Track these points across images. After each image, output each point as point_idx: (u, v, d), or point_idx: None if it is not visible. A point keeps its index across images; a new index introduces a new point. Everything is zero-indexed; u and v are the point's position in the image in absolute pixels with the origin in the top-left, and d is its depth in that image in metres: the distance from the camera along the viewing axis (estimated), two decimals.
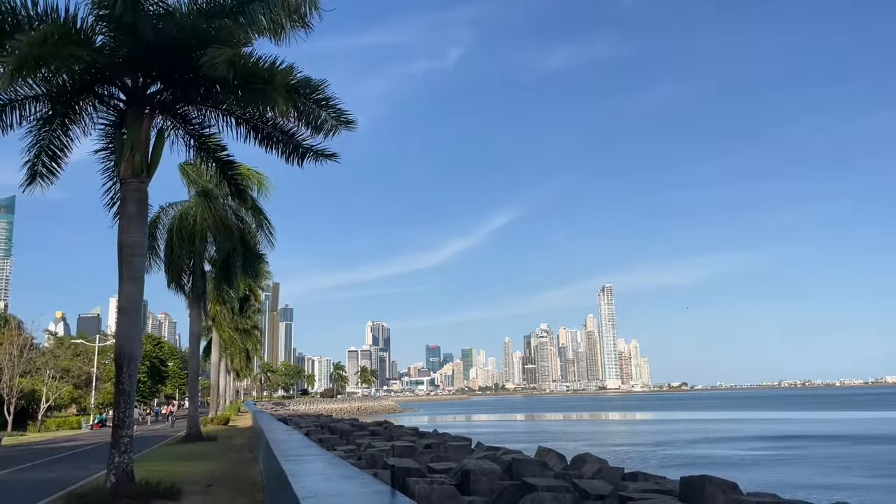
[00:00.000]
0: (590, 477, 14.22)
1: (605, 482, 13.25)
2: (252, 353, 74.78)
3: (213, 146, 17.51)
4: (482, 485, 12.83)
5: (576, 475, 14.10)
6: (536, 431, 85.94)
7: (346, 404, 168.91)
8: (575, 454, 18.37)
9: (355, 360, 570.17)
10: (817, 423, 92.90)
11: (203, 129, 17.02)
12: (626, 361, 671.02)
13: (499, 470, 13.95)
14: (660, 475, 16.43)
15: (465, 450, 17.57)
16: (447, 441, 21.63)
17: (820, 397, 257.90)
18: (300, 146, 16.61)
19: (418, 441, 20.48)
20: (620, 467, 16.93)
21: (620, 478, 15.24)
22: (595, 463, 16.48)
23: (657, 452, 53.15)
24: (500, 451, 17.88)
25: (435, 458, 15.89)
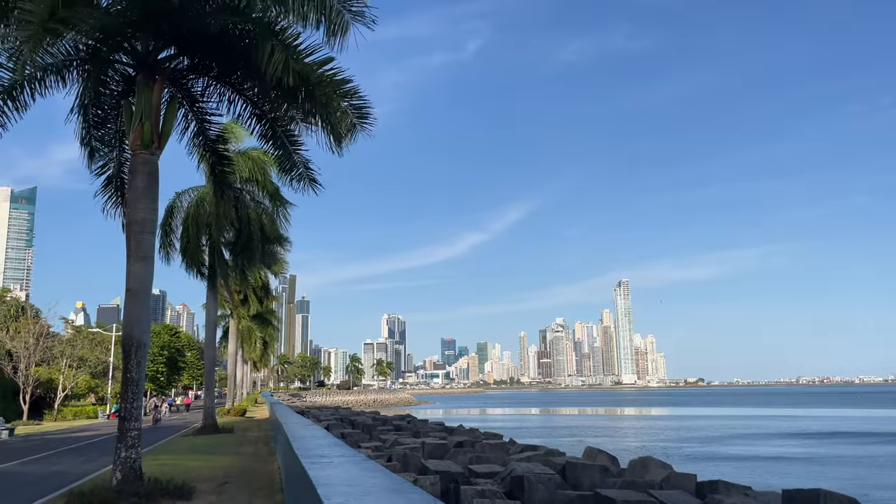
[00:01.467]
0: (660, 485, 12.55)
1: (689, 495, 11.62)
2: (269, 344, 73.99)
3: (213, 136, 16.45)
4: (539, 494, 11.19)
5: (646, 484, 12.37)
6: (558, 426, 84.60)
7: (363, 396, 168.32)
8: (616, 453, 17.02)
9: (371, 352, 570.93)
10: (843, 420, 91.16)
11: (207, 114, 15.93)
12: (642, 356, 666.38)
13: (556, 477, 12.39)
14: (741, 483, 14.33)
15: (502, 449, 16.26)
16: (480, 438, 20.31)
17: (840, 394, 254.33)
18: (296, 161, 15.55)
19: (449, 438, 19.14)
20: (690, 473, 14.91)
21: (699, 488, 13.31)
22: (660, 468, 14.86)
23: (694, 450, 51.55)
24: (540, 450, 16.54)
25: (474, 458, 14.49)
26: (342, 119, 13.60)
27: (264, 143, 15.60)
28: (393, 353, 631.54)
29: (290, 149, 15.23)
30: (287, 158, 15.38)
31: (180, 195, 31.93)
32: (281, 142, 15.18)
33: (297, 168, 15.42)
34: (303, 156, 15.36)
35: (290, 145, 15.18)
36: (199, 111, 15.74)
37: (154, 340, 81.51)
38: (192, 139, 16.30)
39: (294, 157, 15.31)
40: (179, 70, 14.69)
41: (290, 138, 15.16)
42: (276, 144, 15.28)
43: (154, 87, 13.80)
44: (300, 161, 15.38)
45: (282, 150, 15.31)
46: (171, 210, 31.54)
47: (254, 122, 15.32)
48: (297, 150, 15.30)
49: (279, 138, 15.18)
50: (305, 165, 15.43)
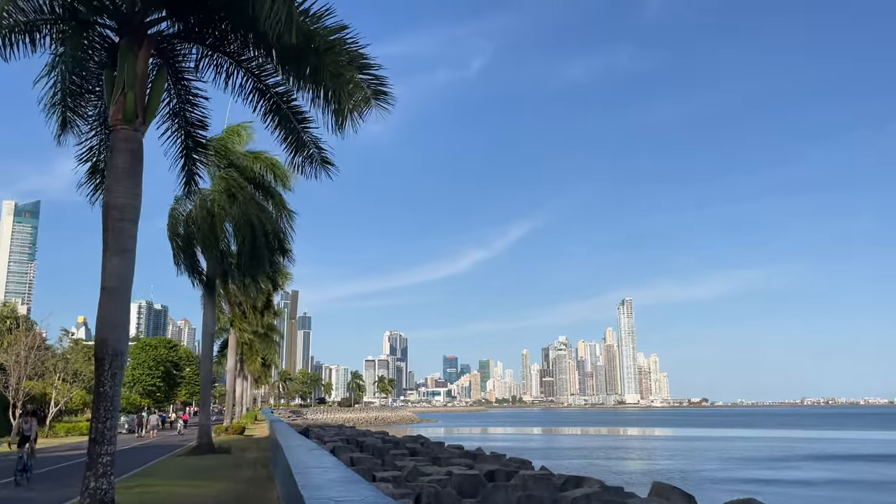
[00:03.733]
0: None
1: None
2: (270, 359, 71.77)
3: (194, 119, 14.52)
4: None
5: None
6: (565, 447, 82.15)
7: (364, 414, 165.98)
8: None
9: (372, 369, 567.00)
10: (860, 442, 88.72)
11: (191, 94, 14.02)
12: (645, 376, 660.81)
13: None
14: None
15: (547, 483, 14.04)
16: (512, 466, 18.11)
17: (848, 416, 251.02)
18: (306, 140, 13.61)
19: (477, 466, 16.91)
20: None
21: None
22: None
23: (712, 474, 49.15)
24: (592, 484, 14.36)
25: (523, 499, 12.24)
26: (354, 92, 11.71)
27: (268, 122, 13.69)
28: (394, 370, 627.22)
29: (299, 127, 13.38)
30: (295, 138, 13.51)
31: (181, 200, 30.01)
32: (287, 119, 13.33)
33: (307, 148, 13.54)
34: (313, 134, 13.48)
35: (297, 123, 13.31)
36: (182, 89, 13.86)
37: (150, 354, 79.51)
38: (168, 119, 14.39)
39: (303, 135, 13.43)
40: (169, 37, 12.82)
41: (297, 115, 13.29)
42: (281, 122, 13.44)
43: (140, 54, 11.90)
44: (310, 140, 13.49)
45: (288, 129, 13.46)
46: (175, 215, 29.66)
47: (256, 98, 13.46)
48: (306, 128, 13.44)
49: (285, 115, 13.33)
50: (316, 144, 13.57)
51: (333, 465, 10.02)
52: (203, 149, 15.26)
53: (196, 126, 14.63)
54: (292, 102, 13.17)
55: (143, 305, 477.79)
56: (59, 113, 13.57)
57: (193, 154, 15.17)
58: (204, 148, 15.27)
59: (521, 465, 19.57)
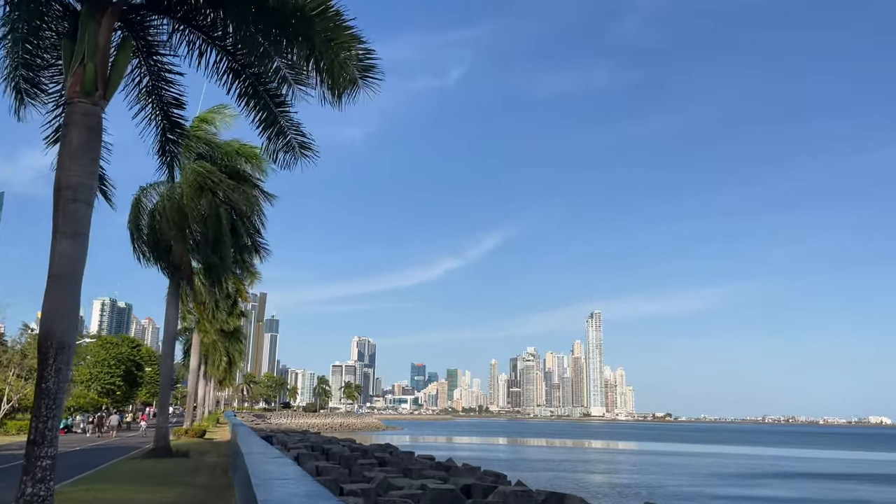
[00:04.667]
0: None
1: None
2: (235, 361, 70.05)
3: (169, 98, 13.53)
4: None
5: None
6: (532, 459, 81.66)
7: (329, 420, 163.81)
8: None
9: (339, 374, 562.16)
10: (819, 461, 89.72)
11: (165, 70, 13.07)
12: (611, 389, 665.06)
13: None
14: None
15: (526, 499, 13.25)
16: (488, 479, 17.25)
17: (807, 435, 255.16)
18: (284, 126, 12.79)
19: (452, 479, 16.01)
20: None
21: None
22: None
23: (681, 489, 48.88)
24: (568, 498, 13.65)
25: None
26: (348, 63, 10.92)
27: (243, 105, 12.78)
28: (362, 376, 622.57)
29: (277, 111, 12.51)
30: (272, 123, 12.64)
31: (146, 190, 28.76)
32: (264, 102, 12.46)
33: (285, 134, 12.67)
34: (292, 119, 12.64)
35: (275, 107, 12.45)
36: (155, 64, 12.90)
37: (112, 352, 77.17)
38: (141, 98, 13.40)
39: (281, 120, 12.57)
40: (136, 7, 11.88)
41: (274, 98, 12.43)
42: (258, 105, 12.55)
43: (102, 23, 10.95)
44: (288, 125, 12.65)
45: (265, 112, 12.59)
46: (138, 206, 28.36)
47: (231, 79, 12.54)
48: (284, 111, 12.57)
49: (262, 98, 12.44)
50: (296, 130, 12.70)
51: (297, 477, 9.16)
52: (181, 130, 14.26)
53: (172, 105, 13.62)
54: (269, 84, 12.32)
55: (106, 303, 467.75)
56: (14, 86, 12.54)
57: (171, 135, 14.18)
58: (182, 129, 14.28)
59: (496, 479, 18.73)
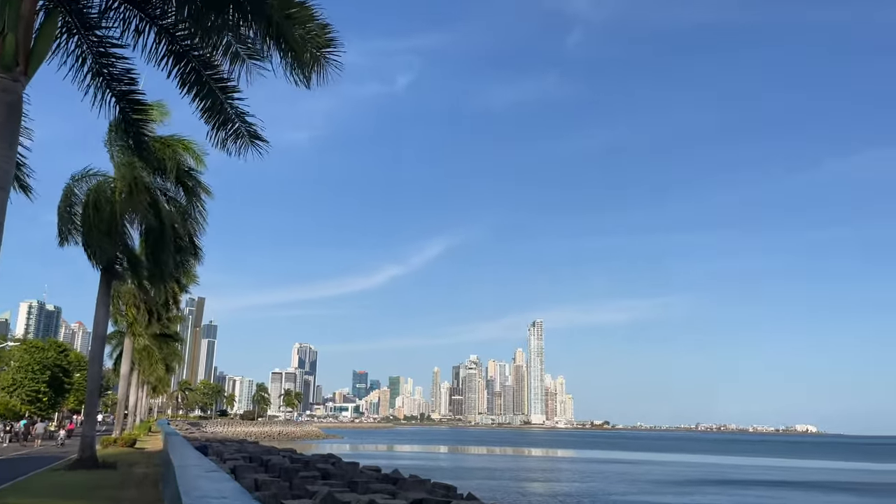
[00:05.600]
0: None
1: None
2: (171, 367, 67.38)
3: (117, 73, 12.32)
4: None
5: None
6: (474, 468, 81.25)
7: (268, 428, 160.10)
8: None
9: (279, 382, 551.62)
10: (752, 468, 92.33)
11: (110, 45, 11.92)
12: (551, 397, 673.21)
13: None
14: None
15: None
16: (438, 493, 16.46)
17: (738, 442, 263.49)
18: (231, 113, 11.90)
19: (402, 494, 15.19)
20: None
21: None
22: None
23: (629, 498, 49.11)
24: None
25: None
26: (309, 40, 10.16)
27: (186, 91, 11.78)
28: (302, 383, 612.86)
29: (223, 97, 11.57)
30: (218, 111, 11.69)
31: (78, 180, 26.94)
32: (209, 88, 11.51)
33: (232, 123, 11.74)
34: (239, 107, 11.73)
35: (221, 93, 11.52)
36: (96, 41, 11.78)
37: (37, 357, 73.37)
38: (90, 80, 12.23)
39: (228, 107, 11.65)
40: None
41: (220, 83, 11.51)
42: (202, 92, 11.57)
43: None
44: (235, 113, 11.72)
45: (210, 100, 11.62)
46: (70, 196, 26.50)
47: (171, 63, 11.54)
48: (230, 98, 11.65)
49: (207, 84, 11.49)
50: (243, 118, 11.78)
51: (234, 494, 8.30)
52: (141, 106, 13.04)
53: (124, 82, 12.44)
54: (216, 69, 11.41)
55: (33, 305, 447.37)
56: None
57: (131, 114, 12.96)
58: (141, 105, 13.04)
59: (447, 493, 17.97)
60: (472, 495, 17.64)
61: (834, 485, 67.95)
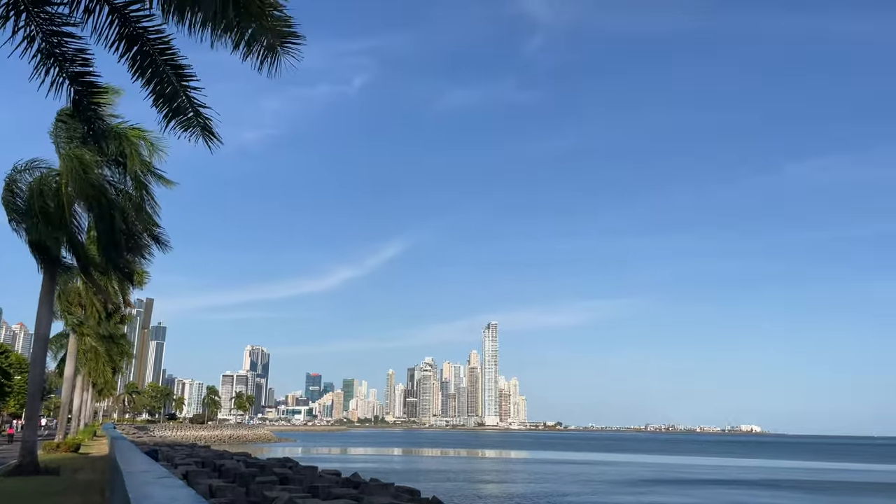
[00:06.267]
0: None
1: None
2: (119, 369, 65.27)
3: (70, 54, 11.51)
4: None
5: None
6: (430, 470, 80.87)
7: (218, 432, 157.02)
8: None
9: (230, 385, 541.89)
10: (702, 468, 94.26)
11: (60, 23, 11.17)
12: (505, 399, 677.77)
13: None
14: None
15: None
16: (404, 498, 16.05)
17: (686, 442, 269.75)
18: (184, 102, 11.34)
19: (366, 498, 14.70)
20: None
21: None
22: None
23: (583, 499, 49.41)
24: None
25: None
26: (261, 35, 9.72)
27: (138, 77, 11.13)
28: (254, 386, 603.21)
29: (178, 84, 10.98)
30: (172, 98, 11.10)
31: (21, 171, 25.68)
32: (164, 74, 10.90)
33: (184, 112, 11.16)
34: (195, 97, 11.16)
35: (177, 80, 10.94)
36: (47, 18, 11.04)
37: None
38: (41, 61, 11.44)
39: (182, 95, 11.07)
40: None
41: (176, 69, 10.93)
42: (155, 77, 10.95)
43: None
44: (190, 103, 11.16)
45: (164, 87, 11.03)
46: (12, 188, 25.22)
47: (124, 47, 10.92)
48: (187, 85, 11.07)
49: (161, 69, 10.90)
50: (197, 108, 11.22)
51: (189, 502, 7.86)
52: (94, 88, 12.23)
53: (77, 63, 11.64)
54: (171, 53, 10.82)
55: None
56: None
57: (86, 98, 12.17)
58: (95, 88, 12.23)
59: (412, 497, 17.57)
60: (437, 499, 17.34)
61: (779, 483, 69.83)
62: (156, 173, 25.70)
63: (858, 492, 62.20)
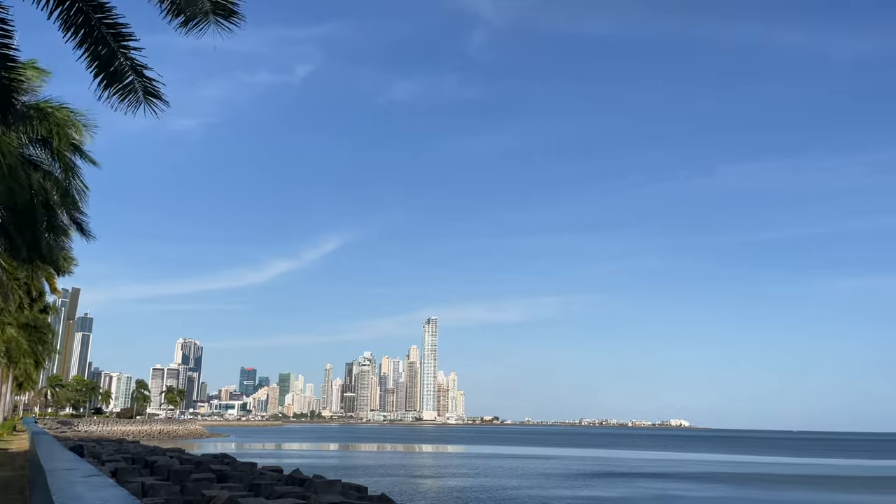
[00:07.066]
0: None
1: None
2: (41, 361, 62.04)
3: None
4: None
5: None
6: (372, 465, 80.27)
7: (147, 427, 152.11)
8: None
9: (160, 378, 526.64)
10: (635, 461, 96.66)
11: None
12: (443, 394, 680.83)
13: None
14: None
15: None
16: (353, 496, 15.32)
17: (619, 436, 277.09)
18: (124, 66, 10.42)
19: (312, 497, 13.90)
20: None
21: None
22: None
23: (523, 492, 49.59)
24: None
25: None
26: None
27: (71, 37, 10.14)
28: (186, 380, 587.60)
29: (115, 46, 10.06)
30: (109, 61, 10.15)
31: None
32: (99, 34, 9.97)
33: (123, 76, 10.23)
34: (136, 59, 10.25)
35: (114, 41, 10.01)
36: None
37: None
38: None
39: (121, 58, 10.14)
40: None
41: (114, 29, 10.01)
42: (90, 38, 10.00)
43: None
44: (131, 66, 10.23)
45: (100, 48, 10.08)
46: None
47: (53, 3, 9.95)
48: (125, 47, 10.16)
49: (96, 29, 9.96)
50: (139, 71, 10.30)
51: (120, 502, 7.13)
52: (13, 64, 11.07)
53: None
54: (108, 11, 9.88)
55: None
56: None
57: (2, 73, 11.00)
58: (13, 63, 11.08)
59: (360, 495, 16.87)
60: (386, 496, 16.79)
61: (710, 476, 72.09)
62: (85, 154, 24.21)
63: (782, 484, 64.67)
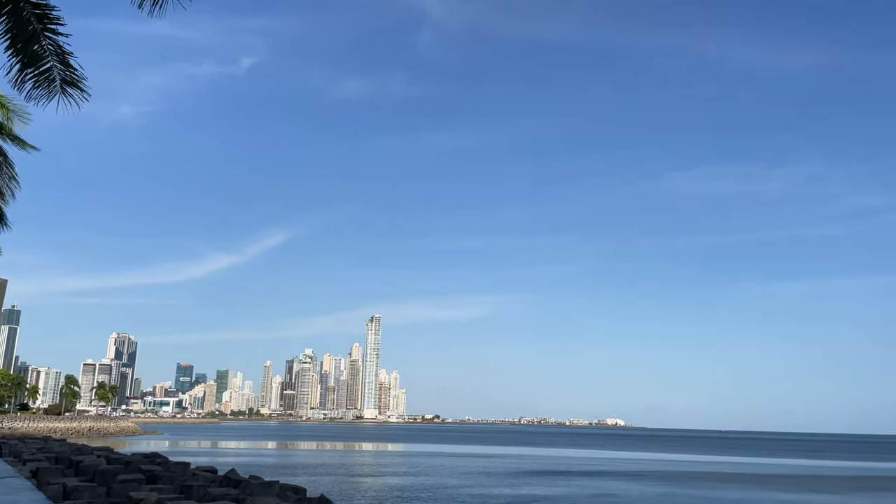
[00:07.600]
0: None
1: None
2: None
3: None
4: None
5: None
6: (311, 464, 79.21)
7: (76, 423, 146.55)
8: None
9: (92, 374, 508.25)
10: (571, 459, 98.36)
11: None
12: (385, 392, 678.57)
13: None
14: None
15: None
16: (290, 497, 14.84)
17: (557, 435, 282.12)
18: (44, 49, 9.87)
19: (248, 499, 13.34)
20: None
21: None
22: None
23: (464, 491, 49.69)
24: None
25: None
26: None
27: None
28: (118, 376, 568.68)
29: (38, 27, 9.47)
30: (28, 41, 9.54)
31: None
32: (24, 13, 9.39)
33: (44, 61, 9.62)
34: (59, 42, 9.67)
35: (36, 21, 9.43)
36: None
37: None
38: None
39: (42, 40, 9.55)
40: None
41: (38, 9, 9.43)
42: (12, 17, 9.39)
43: None
44: (54, 50, 9.66)
45: (22, 28, 9.48)
46: None
47: None
48: (49, 29, 9.58)
49: (19, 7, 9.37)
50: (61, 57, 9.73)
51: None
52: None
53: None
54: None
55: None
56: None
57: None
58: None
59: (298, 496, 16.38)
60: (326, 497, 16.42)
61: (645, 474, 73.84)
62: (15, 137, 23.05)
63: (714, 482, 66.69)
